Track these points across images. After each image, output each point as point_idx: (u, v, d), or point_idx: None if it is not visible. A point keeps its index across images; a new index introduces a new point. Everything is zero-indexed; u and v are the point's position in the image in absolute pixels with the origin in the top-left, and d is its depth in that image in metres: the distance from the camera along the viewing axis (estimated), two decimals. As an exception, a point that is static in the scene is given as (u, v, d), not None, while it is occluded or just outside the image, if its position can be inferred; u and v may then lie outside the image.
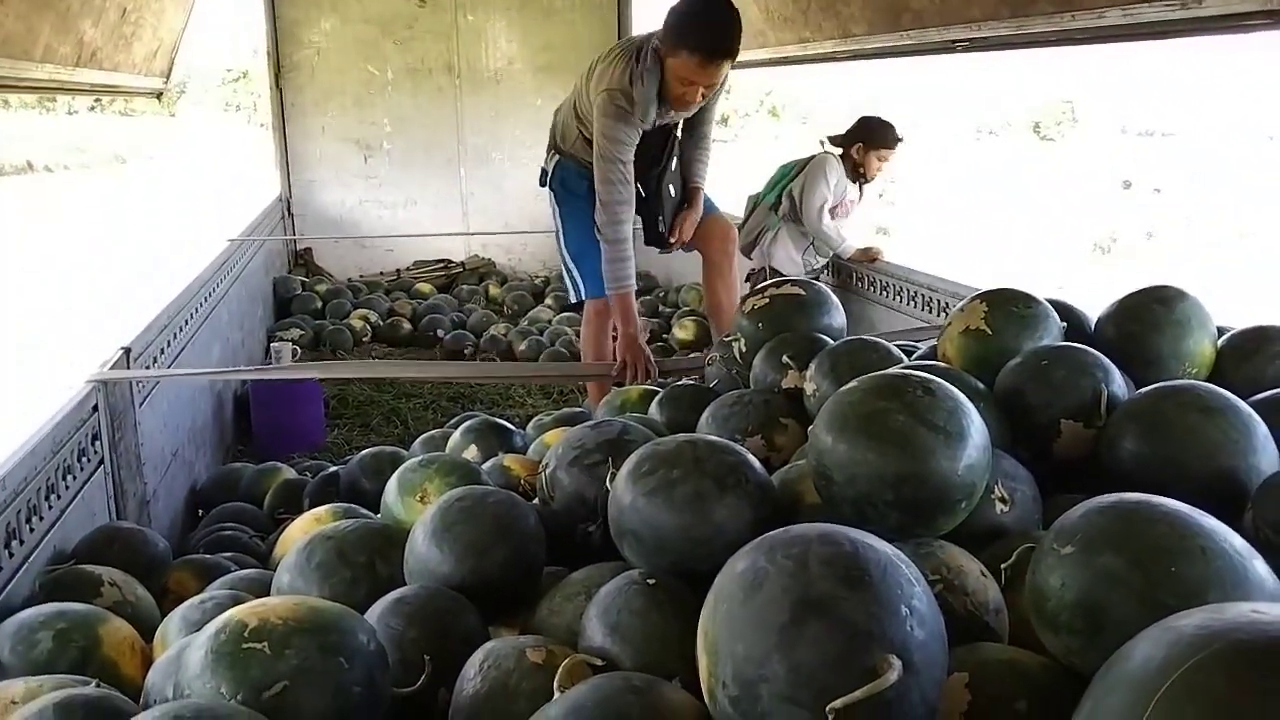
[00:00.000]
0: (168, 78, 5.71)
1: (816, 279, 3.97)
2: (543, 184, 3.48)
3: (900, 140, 4.01)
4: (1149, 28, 2.69)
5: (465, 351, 5.26)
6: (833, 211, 4.05)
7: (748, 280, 3.92)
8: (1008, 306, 1.72)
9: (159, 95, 5.85)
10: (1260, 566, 0.94)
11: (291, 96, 6.68)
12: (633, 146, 3.00)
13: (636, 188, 3.20)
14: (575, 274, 3.39)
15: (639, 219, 3.31)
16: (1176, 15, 2.55)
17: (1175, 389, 1.44)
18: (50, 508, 2.02)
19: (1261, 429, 1.36)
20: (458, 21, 6.76)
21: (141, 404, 2.67)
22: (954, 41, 3.52)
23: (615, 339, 3.32)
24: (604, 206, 3.01)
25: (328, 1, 6.59)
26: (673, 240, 3.42)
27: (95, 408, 2.36)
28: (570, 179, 3.35)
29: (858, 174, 4.05)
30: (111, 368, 2.52)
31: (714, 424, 1.77)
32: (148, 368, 2.79)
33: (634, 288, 3.13)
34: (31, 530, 1.92)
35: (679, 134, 3.34)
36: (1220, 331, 1.79)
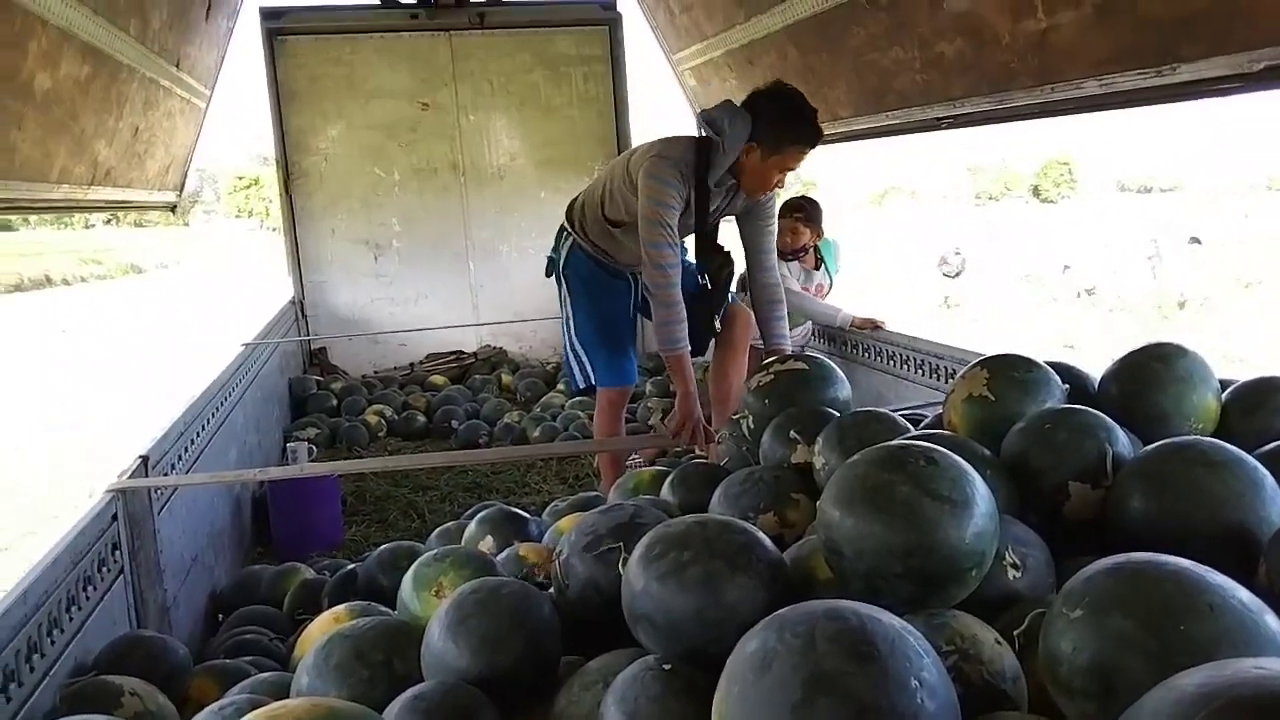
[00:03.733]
0: (180, 190, 5.88)
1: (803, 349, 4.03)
2: (549, 274, 3.51)
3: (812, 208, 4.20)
4: (1126, 96, 2.76)
5: (480, 441, 5.28)
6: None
7: None
8: (1008, 372, 1.75)
9: (173, 208, 6.01)
10: (1271, 621, 0.94)
11: (301, 201, 6.85)
12: (677, 212, 3.03)
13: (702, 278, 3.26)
14: (585, 362, 3.40)
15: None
16: (1152, 82, 2.62)
17: (1180, 445, 1.44)
18: (71, 619, 2.03)
19: (1269, 481, 1.36)
20: (460, 122, 6.96)
21: (160, 511, 2.70)
22: (938, 119, 3.61)
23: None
24: (655, 267, 3.00)
25: (334, 110, 6.80)
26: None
27: (115, 517, 2.38)
28: (583, 266, 3.37)
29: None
30: (130, 477, 2.55)
31: (726, 502, 1.78)
32: (165, 475, 2.82)
33: (688, 349, 3.13)
34: (53, 643, 1.93)
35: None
36: (1224, 385, 1.80)
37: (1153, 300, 14.45)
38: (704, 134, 3.06)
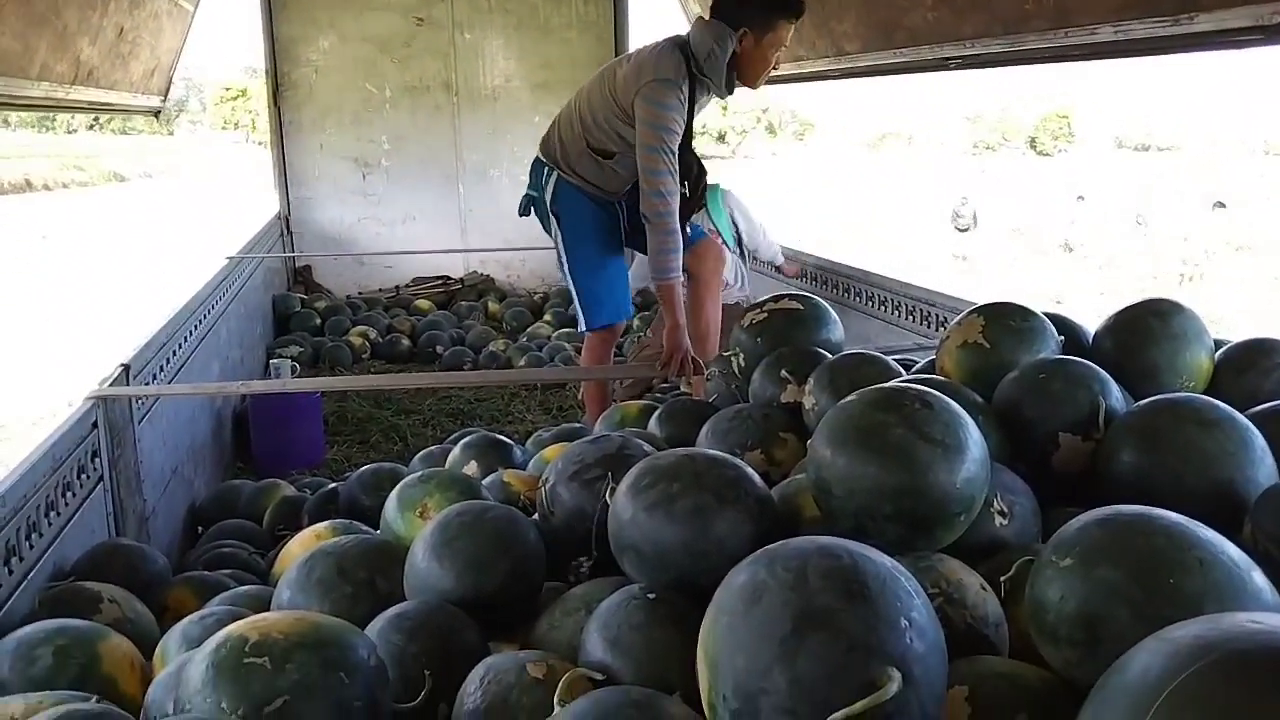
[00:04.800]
0: (165, 96, 5.73)
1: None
2: (526, 212, 3.40)
3: None
4: (1142, 44, 2.71)
5: (465, 367, 5.26)
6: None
7: None
8: (1005, 320, 1.73)
9: (157, 114, 5.88)
10: (1258, 578, 0.95)
11: (290, 114, 6.71)
12: (679, 136, 3.00)
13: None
14: (576, 301, 3.37)
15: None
16: (1169, 31, 2.57)
17: (1172, 402, 1.44)
18: (50, 524, 2.02)
19: (1259, 441, 1.36)
20: (455, 40, 6.80)
21: (141, 421, 2.68)
22: (947, 59, 3.54)
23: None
24: (656, 195, 2.97)
25: (326, 19, 6.63)
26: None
27: (95, 424, 2.36)
28: (574, 200, 3.26)
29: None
30: (111, 384, 2.53)
31: (713, 439, 1.77)
32: (147, 384, 2.80)
33: (681, 278, 3.11)
34: (31, 547, 1.92)
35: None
36: (1217, 345, 1.80)
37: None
38: (686, 42, 3.02)
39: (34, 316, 10.28)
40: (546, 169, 3.29)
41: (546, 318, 6.14)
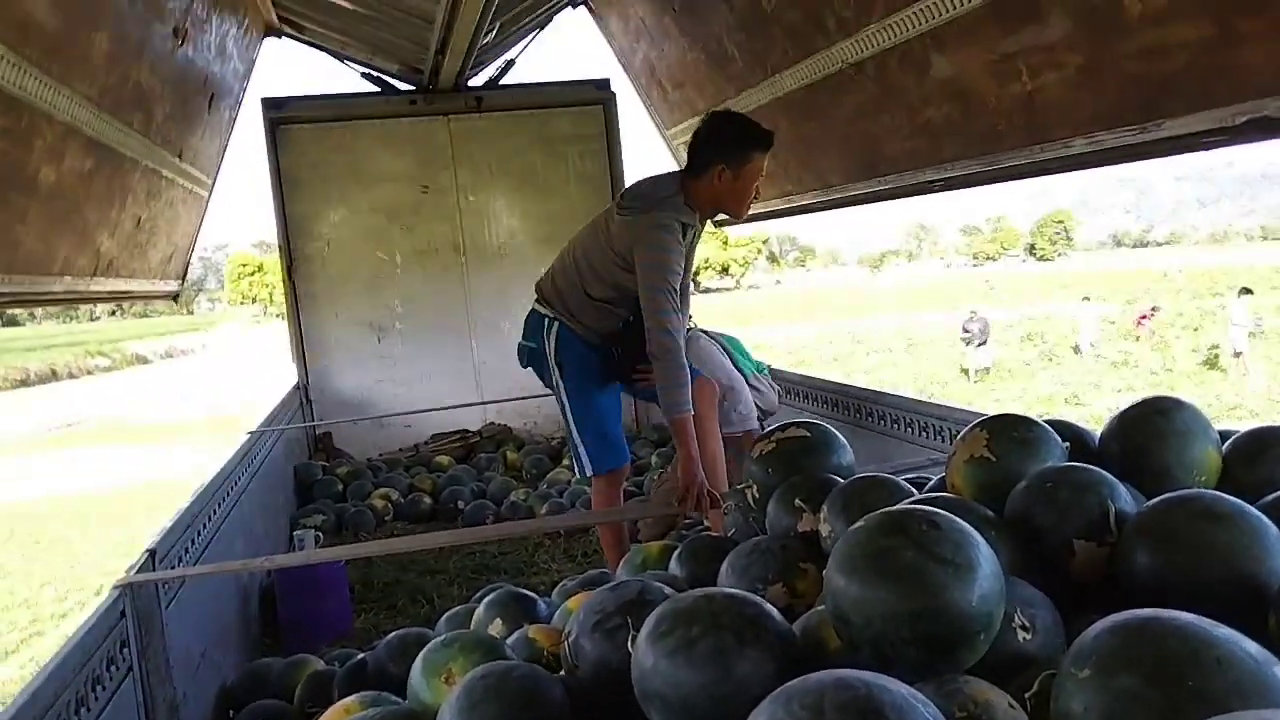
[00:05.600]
0: (183, 279, 5.95)
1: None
2: (526, 364, 3.49)
3: None
4: (1114, 153, 2.81)
5: (487, 520, 5.26)
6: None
7: None
8: (1008, 432, 1.75)
9: (175, 297, 6.08)
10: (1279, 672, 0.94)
11: (304, 286, 6.93)
12: (680, 276, 3.10)
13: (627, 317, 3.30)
14: (580, 449, 3.40)
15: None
16: (1138, 139, 2.67)
17: (1182, 499, 1.45)
18: (80, 720, 2.01)
19: (1273, 531, 1.36)
20: (460, 203, 7.09)
21: (168, 606, 2.68)
22: (930, 182, 3.67)
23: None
24: (664, 334, 3.02)
25: (336, 195, 6.93)
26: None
27: (123, 613, 2.37)
28: (576, 348, 3.36)
29: None
30: (137, 571, 2.54)
31: (734, 574, 1.77)
32: (172, 568, 2.81)
33: (692, 413, 3.14)
34: (61, 745, 1.91)
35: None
36: (1223, 436, 1.81)
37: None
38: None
39: (64, 510, 10.35)
40: (547, 320, 3.39)
41: (565, 463, 6.16)
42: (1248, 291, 16.54)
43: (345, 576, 4.09)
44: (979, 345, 17.52)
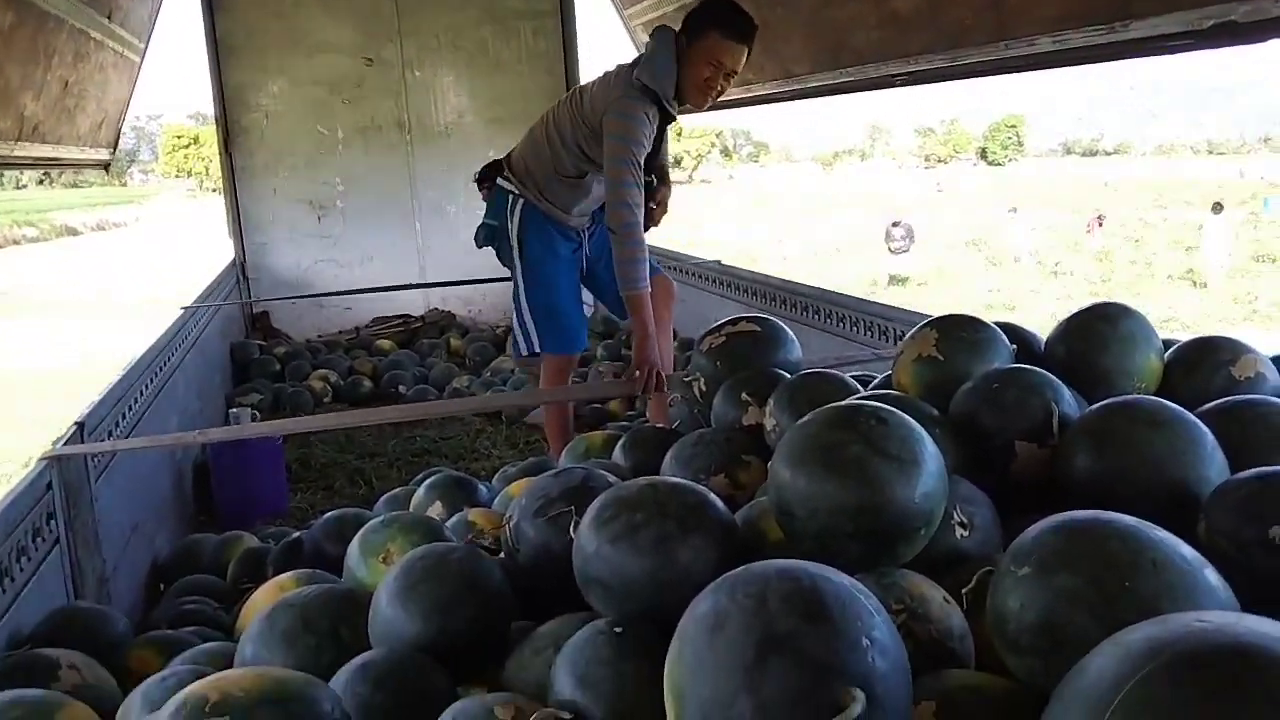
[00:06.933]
0: (114, 148, 5.68)
1: None
2: (482, 243, 3.40)
3: None
4: (1080, 52, 2.78)
5: (429, 406, 5.22)
6: None
7: None
8: (958, 332, 1.75)
9: (106, 166, 5.82)
10: (1210, 575, 0.96)
11: (242, 160, 6.68)
12: (646, 150, 3.03)
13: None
14: (530, 328, 3.34)
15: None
16: (1105, 39, 2.64)
17: (1124, 404, 1.46)
18: (4, 592, 1.97)
19: (1209, 439, 1.38)
20: (406, 78, 6.81)
21: (98, 479, 2.62)
22: (893, 76, 3.60)
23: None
24: (623, 206, 2.99)
25: (275, 64, 6.62)
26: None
27: (49, 485, 2.31)
28: (539, 226, 3.28)
29: None
30: (65, 443, 2.48)
31: (677, 465, 1.77)
32: (102, 441, 2.75)
33: (649, 289, 3.11)
34: (-15, 616, 1.87)
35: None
36: (1166, 345, 1.83)
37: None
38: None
39: (-12, 377, 10.09)
40: (512, 197, 3.30)
41: (509, 351, 6.11)
42: (1220, 207, 16.62)
43: (282, 454, 4.04)
44: (902, 253, 17.69)
